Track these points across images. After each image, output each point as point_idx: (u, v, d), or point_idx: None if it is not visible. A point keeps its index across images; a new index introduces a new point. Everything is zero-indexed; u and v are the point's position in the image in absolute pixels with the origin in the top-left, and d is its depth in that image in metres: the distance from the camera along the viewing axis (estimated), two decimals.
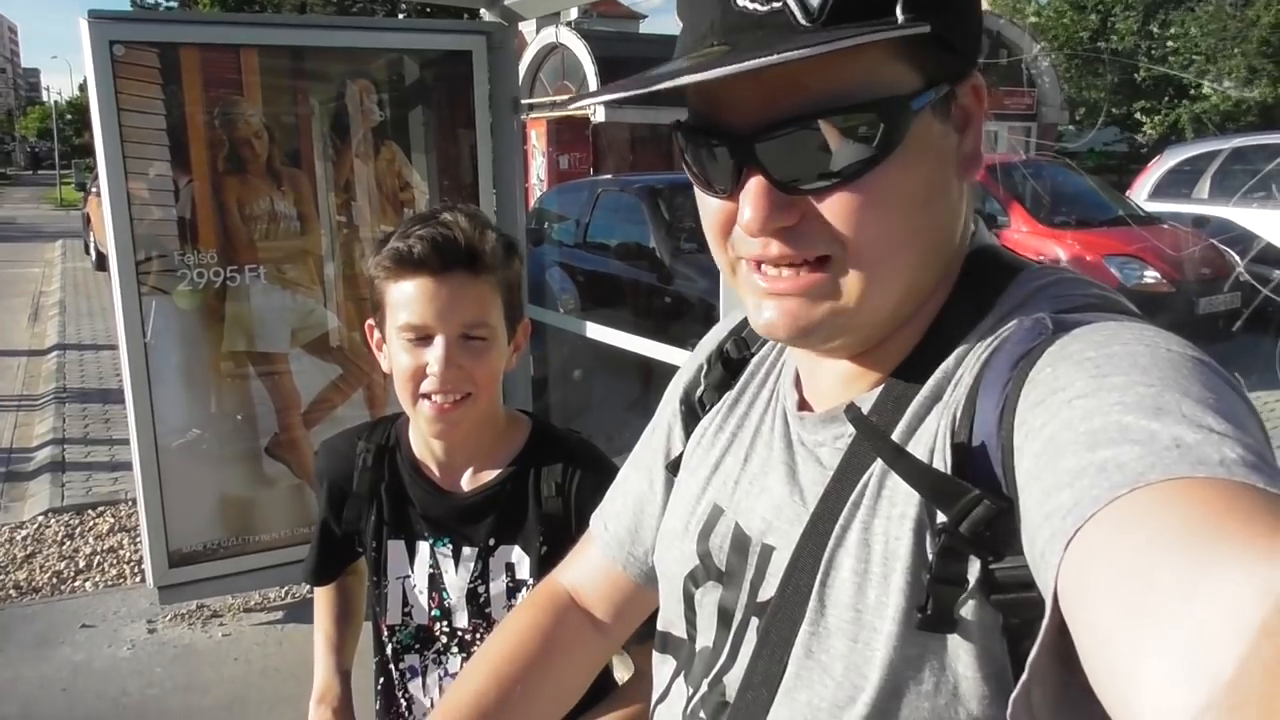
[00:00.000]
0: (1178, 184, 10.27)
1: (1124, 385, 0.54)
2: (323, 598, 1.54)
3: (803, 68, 0.59)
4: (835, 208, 0.64)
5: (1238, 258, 8.08)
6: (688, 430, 0.91)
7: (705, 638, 0.81)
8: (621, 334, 3.52)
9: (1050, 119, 20.26)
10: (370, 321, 1.35)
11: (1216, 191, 9.80)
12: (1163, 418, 0.51)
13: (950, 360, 0.67)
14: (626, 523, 0.98)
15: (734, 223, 0.68)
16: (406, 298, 1.24)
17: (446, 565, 1.38)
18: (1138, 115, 21.83)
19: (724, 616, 0.78)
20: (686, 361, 0.96)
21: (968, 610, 0.61)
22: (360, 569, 1.55)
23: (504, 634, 1.00)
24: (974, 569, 0.60)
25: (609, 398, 5.11)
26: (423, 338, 1.26)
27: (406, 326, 1.25)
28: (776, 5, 0.61)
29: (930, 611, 0.61)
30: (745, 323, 0.89)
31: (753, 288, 0.69)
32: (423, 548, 1.39)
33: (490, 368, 1.29)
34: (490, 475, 1.38)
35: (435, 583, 1.39)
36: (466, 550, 1.37)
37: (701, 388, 0.90)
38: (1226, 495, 0.46)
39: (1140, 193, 10.38)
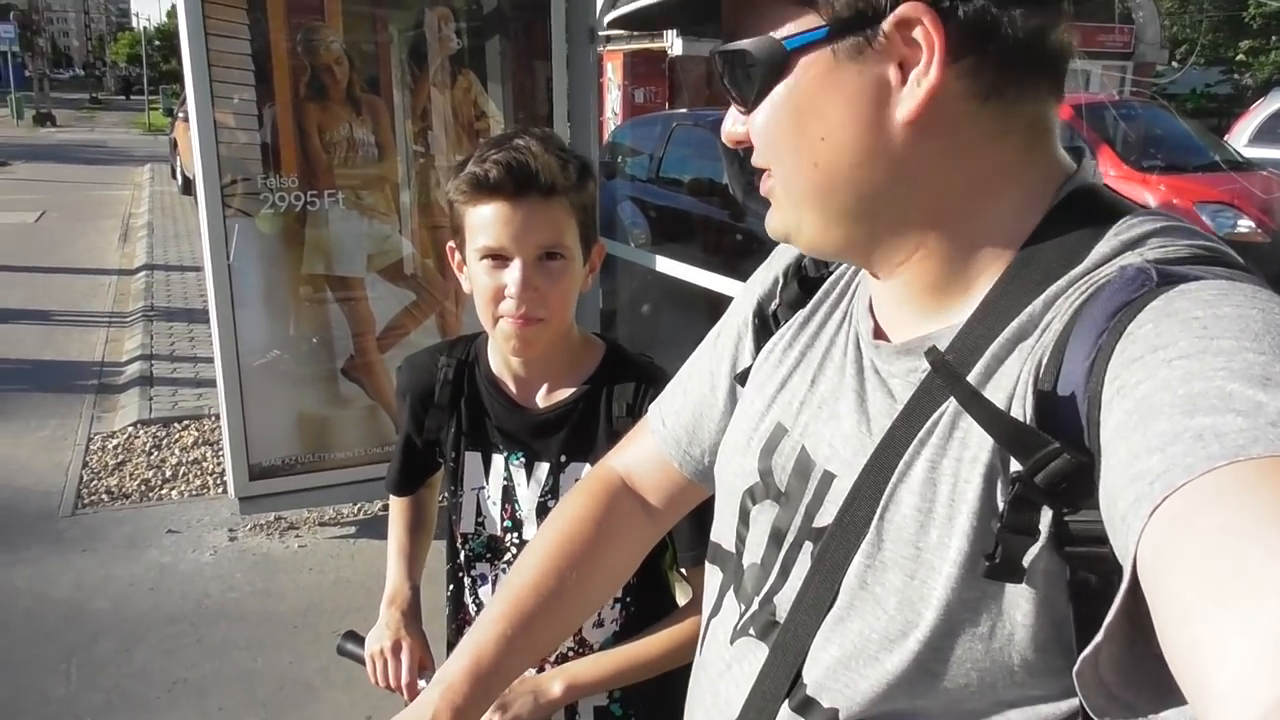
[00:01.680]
0: None
1: (1232, 350, 0.51)
2: (398, 509, 1.60)
3: (732, 5, 0.70)
4: (751, 131, 0.71)
5: None
6: (758, 343, 0.90)
7: (754, 554, 0.81)
8: (692, 268, 3.53)
9: (1148, 57, 19.36)
10: (451, 244, 1.39)
11: None
12: (1271, 389, 0.48)
13: (1038, 303, 0.64)
14: (685, 422, 0.98)
15: None
16: (484, 221, 1.28)
17: (519, 478, 1.43)
18: (1243, 55, 20.76)
19: (776, 536, 0.79)
20: (760, 271, 0.96)
21: (1036, 560, 0.59)
22: (435, 483, 1.61)
23: (559, 519, 1.03)
24: (1045, 519, 0.59)
25: (676, 333, 5.12)
26: (500, 259, 1.29)
27: (484, 249, 1.29)
28: None
29: (999, 560, 0.60)
30: None
31: None
32: (498, 460, 1.44)
33: (566, 288, 1.32)
34: (564, 394, 1.41)
35: (508, 495, 1.43)
36: (539, 465, 1.41)
37: (776, 302, 0.90)
38: None
39: (1240, 137, 9.92)
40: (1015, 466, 0.60)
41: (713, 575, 0.90)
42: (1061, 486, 0.57)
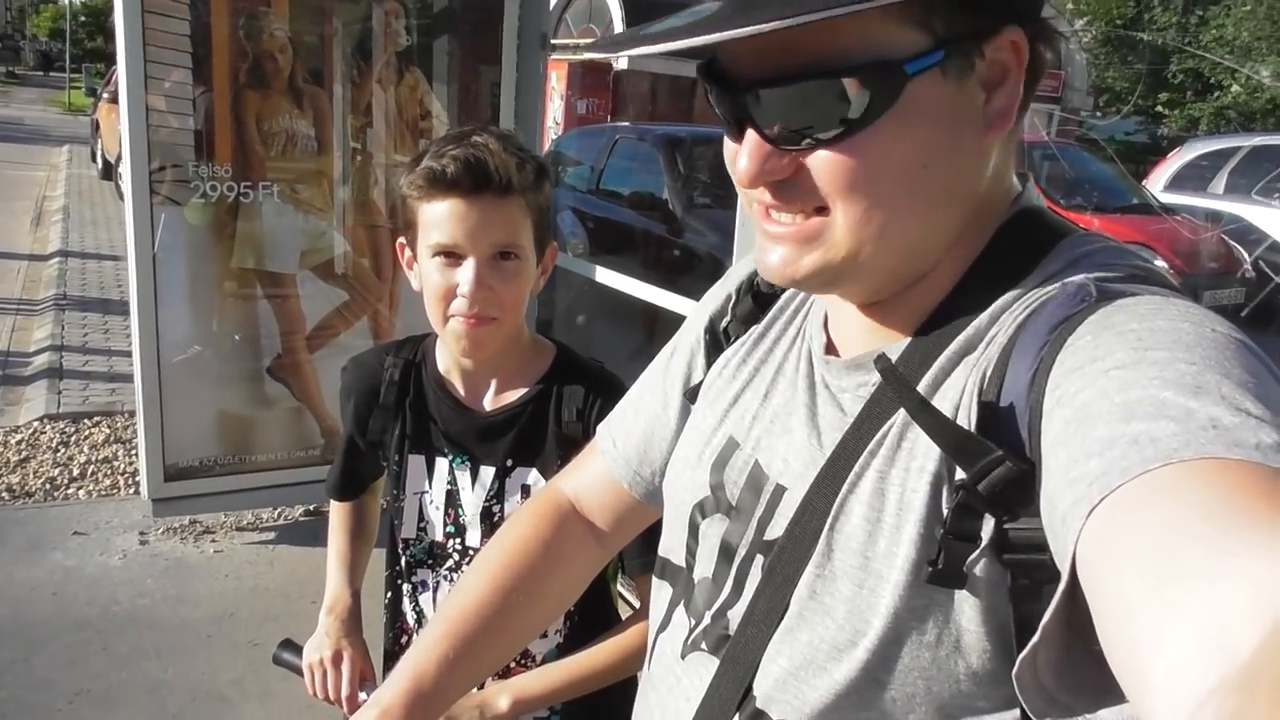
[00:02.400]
0: (1195, 177, 10.28)
1: (1165, 360, 0.54)
2: (338, 514, 1.56)
3: (796, 29, 0.59)
4: (824, 167, 0.65)
5: (1245, 254, 8.11)
6: (709, 360, 0.91)
7: (704, 569, 0.81)
8: (630, 280, 3.50)
9: (1075, 103, 20.08)
10: (401, 240, 1.35)
11: (1233, 188, 9.79)
12: (1201, 397, 0.51)
13: (984, 317, 0.67)
14: (636, 442, 0.98)
15: None
16: (438, 218, 1.25)
17: (464, 483, 1.39)
18: (1160, 108, 21.67)
19: (726, 550, 0.79)
20: (713, 290, 0.96)
21: (978, 567, 0.61)
22: (377, 490, 1.57)
23: (506, 540, 1.01)
24: (988, 527, 0.61)
25: (612, 345, 5.09)
26: (453, 257, 1.26)
27: (438, 246, 1.26)
28: None
29: (941, 566, 0.61)
30: None
31: (759, 229, 0.71)
32: (441, 464, 1.41)
33: (519, 289, 1.30)
34: (513, 396, 1.39)
35: (452, 499, 1.40)
36: (484, 469, 1.38)
37: (728, 318, 0.91)
38: (1260, 479, 0.45)
39: (1157, 183, 10.36)
40: (960, 475, 0.62)
41: (661, 590, 0.90)
42: (1003, 494, 0.59)
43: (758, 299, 0.88)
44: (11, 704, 2.74)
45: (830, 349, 0.78)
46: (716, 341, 0.91)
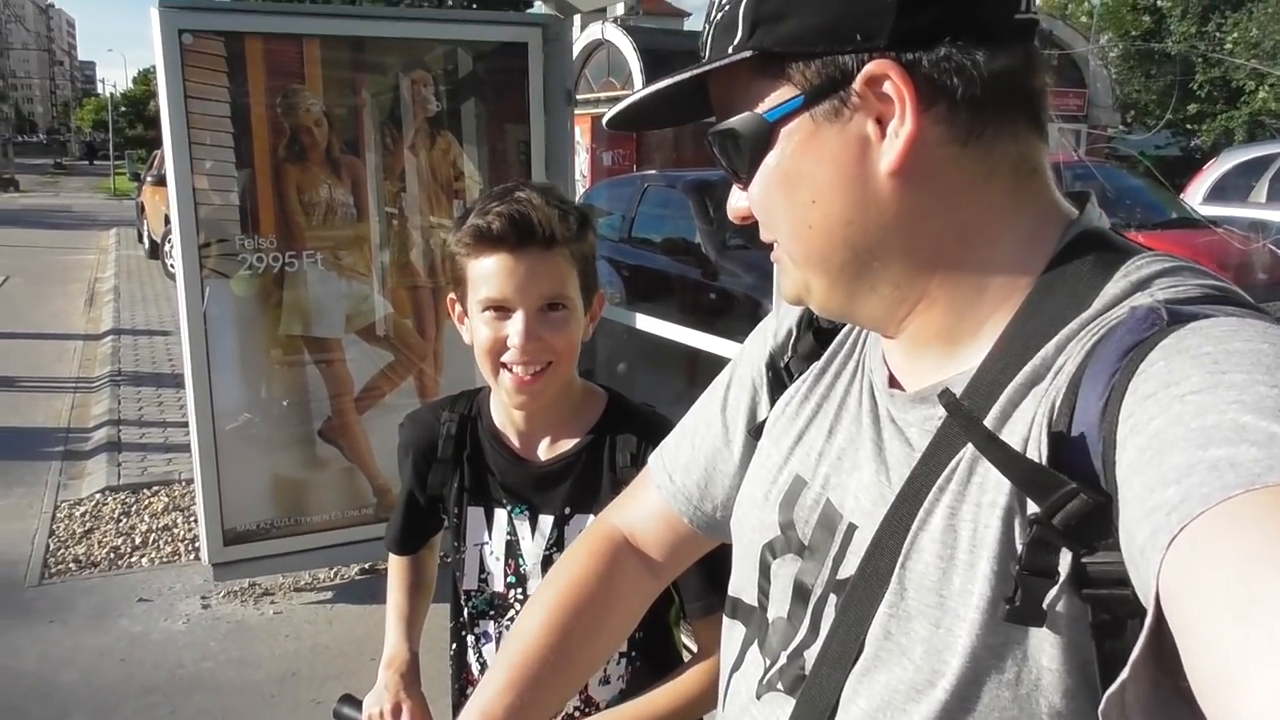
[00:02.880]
0: (1235, 187, 10.01)
1: (1244, 384, 0.51)
2: (397, 570, 1.58)
3: (717, 89, 0.73)
4: (752, 202, 0.74)
5: None
6: (773, 396, 0.90)
7: (779, 609, 0.80)
8: (670, 325, 3.55)
9: (1102, 120, 19.95)
10: (452, 296, 1.39)
11: (1276, 195, 9.56)
12: None
13: (1050, 346, 0.64)
14: (697, 478, 0.97)
15: None
16: (486, 273, 1.28)
17: (523, 532, 1.41)
18: (1189, 123, 21.44)
19: (800, 590, 0.78)
20: (767, 324, 0.96)
21: (1056, 603, 0.59)
22: (435, 545, 1.59)
23: (560, 579, 1.00)
24: (1065, 561, 0.59)
25: (654, 390, 5.13)
26: (502, 311, 1.29)
27: (487, 301, 1.29)
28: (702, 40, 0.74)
29: (1019, 603, 0.59)
30: None
31: None
32: (500, 515, 1.43)
33: (569, 338, 1.32)
34: (567, 445, 1.40)
35: (512, 550, 1.42)
36: (543, 518, 1.40)
37: (789, 355, 0.90)
38: None
39: (1195, 196, 10.17)
40: (1033, 508, 0.60)
41: (733, 629, 0.89)
42: (1079, 528, 0.57)
43: (818, 335, 0.88)
44: None
45: (894, 383, 0.77)
46: (779, 378, 0.91)
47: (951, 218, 0.69)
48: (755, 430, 0.91)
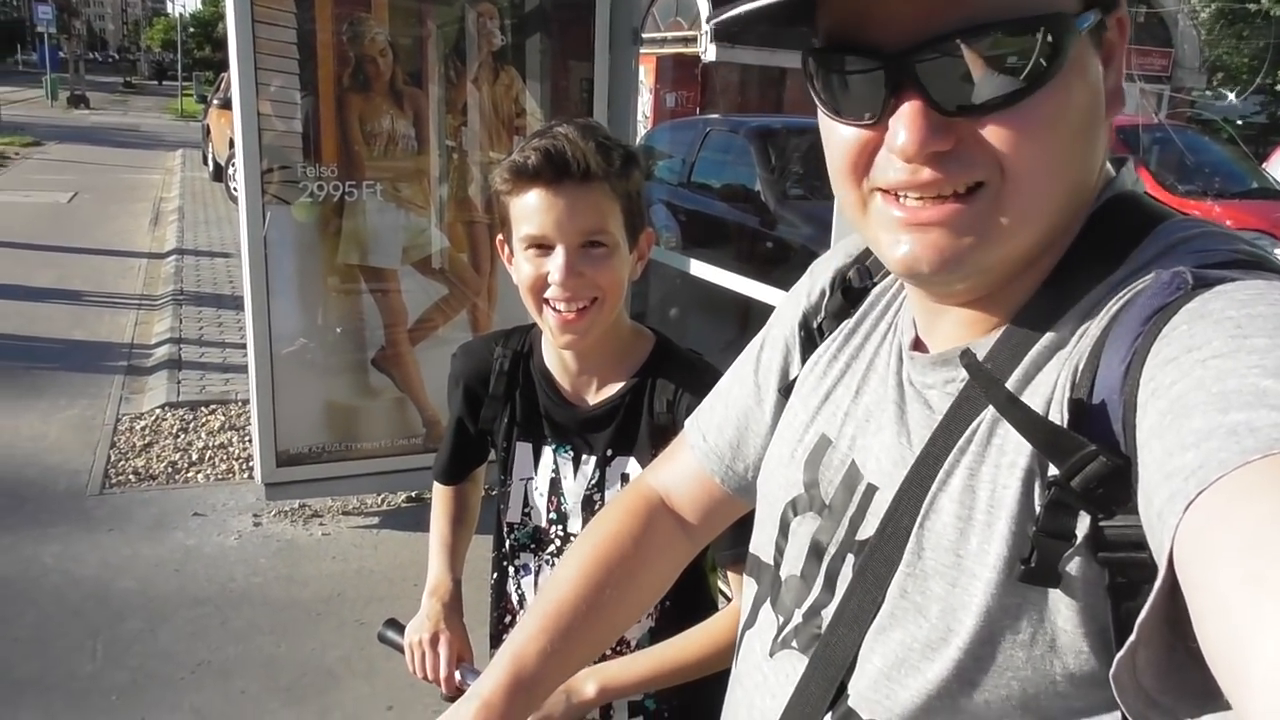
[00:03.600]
0: None
1: (1266, 348, 0.51)
2: (442, 500, 1.60)
3: None
4: (998, 131, 0.61)
5: None
6: (805, 356, 0.90)
7: (793, 567, 0.81)
8: (724, 273, 3.52)
9: (1186, 82, 19.23)
10: (499, 237, 1.39)
11: None
12: None
13: (1076, 310, 0.64)
14: (729, 437, 0.97)
15: (874, 152, 0.65)
16: (526, 210, 1.28)
17: (566, 471, 1.43)
18: (1279, 88, 20.57)
19: (816, 549, 0.78)
20: (801, 284, 0.94)
21: (1072, 566, 0.59)
22: (479, 478, 1.61)
23: (596, 534, 1.01)
24: (1082, 524, 0.59)
25: (706, 337, 5.12)
26: (544, 247, 1.29)
27: (527, 238, 1.29)
28: None
29: (1034, 564, 0.59)
30: (869, 252, 0.88)
31: (889, 221, 0.66)
32: (546, 452, 1.44)
33: (613, 274, 1.31)
34: (613, 389, 1.41)
35: (555, 487, 1.44)
36: (586, 458, 1.41)
37: (822, 314, 0.89)
38: None
39: (1278, 166, 9.83)
40: (1053, 471, 0.60)
41: (748, 587, 0.89)
42: (1098, 491, 0.57)
43: (848, 294, 0.86)
44: (141, 672, 2.93)
45: (918, 345, 0.76)
46: (811, 337, 0.90)
47: (1095, 175, 0.69)
48: (786, 389, 0.90)
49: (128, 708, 2.78)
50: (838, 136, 0.67)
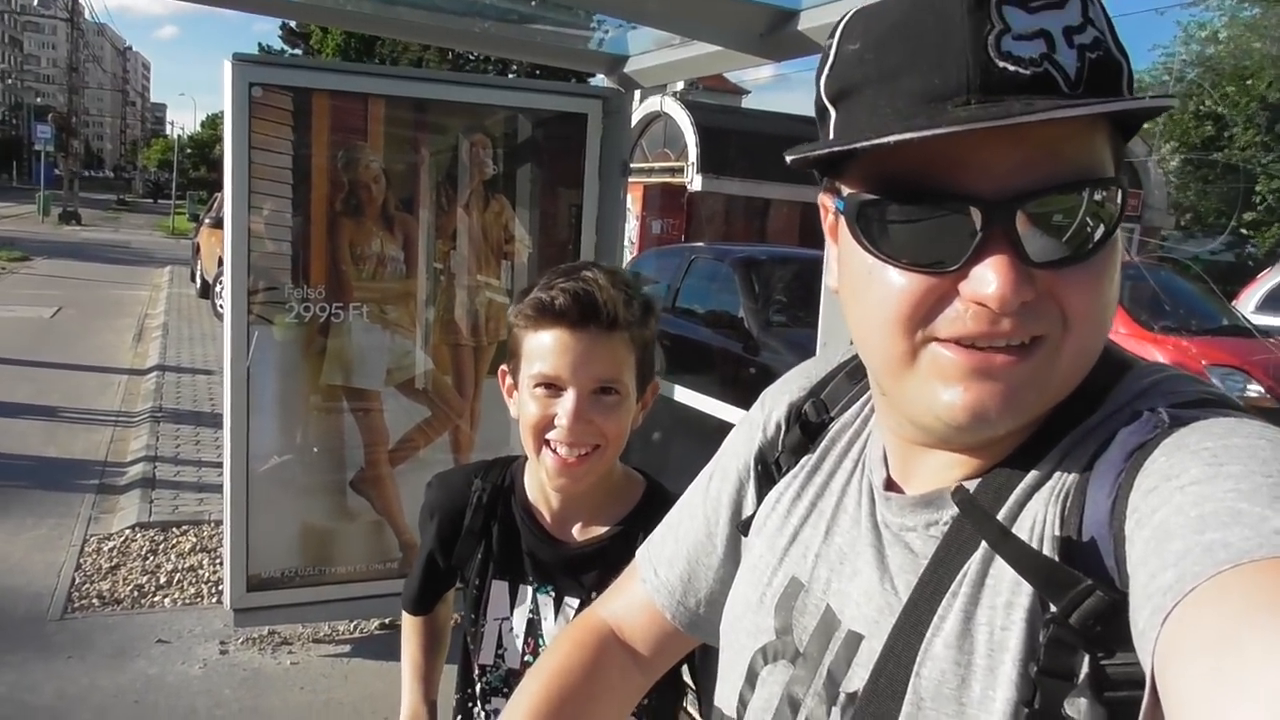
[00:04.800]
0: None
1: (1241, 474, 0.53)
2: (412, 627, 1.56)
3: (1060, 136, 0.59)
4: (1073, 284, 0.61)
5: None
6: (760, 492, 0.88)
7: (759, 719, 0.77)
8: (707, 398, 3.52)
9: (1155, 222, 19.87)
10: (504, 367, 1.38)
11: None
12: (1278, 505, 0.50)
13: (1056, 452, 0.65)
14: (679, 572, 0.95)
15: (940, 301, 0.63)
16: (543, 349, 1.27)
17: (546, 612, 1.39)
18: (1244, 230, 21.28)
19: (791, 701, 0.75)
20: (753, 415, 0.92)
21: (1076, 709, 0.57)
22: (450, 599, 1.57)
23: (546, 671, 0.97)
24: (1084, 664, 0.58)
25: (687, 463, 5.09)
26: (554, 389, 1.27)
27: (539, 376, 1.27)
28: (1040, 70, 0.59)
29: (1037, 706, 0.58)
30: (822, 385, 0.87)
31: (951, 369, 0.63)
32: (526, 592, 1.40)
33: (619, 423, 1.30)
34: (600, 530, 1.38)
35: (533, 628, 1.39)
36: (568, 600, 1.38)
37: (779, 449, 0.87)
38: None
39: (1248, 304, 10.06)
40: (1052, 609, 0.60)
41: None
42: (1096, 629, 0.57)
43: (806, 429, 0.85)
44: None
45: (890, 485, 0.75)
46: (768, 472, 0.88)
47: None
48: (742, 526, 0.88)
49: None
50: (895, 284, 0.64)
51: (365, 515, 3.80)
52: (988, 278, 0.60)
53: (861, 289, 0.67)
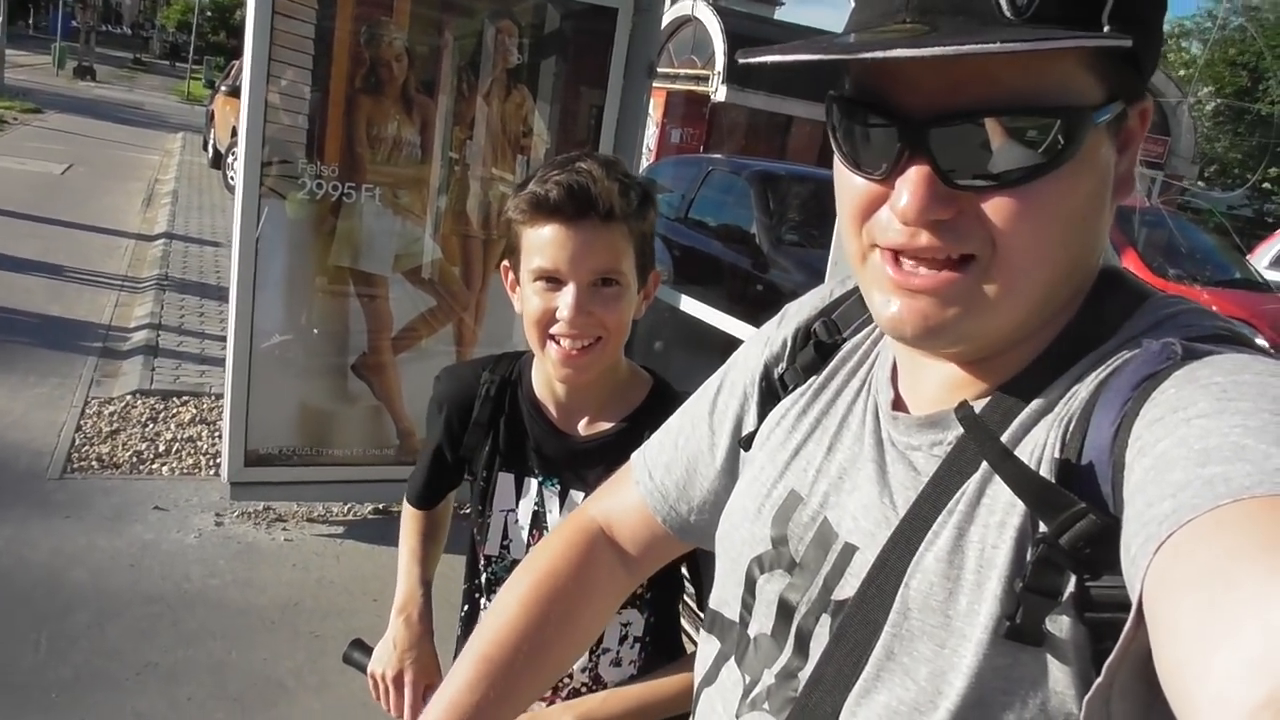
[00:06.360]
0: None
1: (1249, 411, 0.53)
2: (413, 517, 1.56)
3: (997, 61, 0.58)
4: (997, 209, 0.62)
5: None
6: (763, 408, 0.88)
7: (762, 625, 0.79)
8: (713, 310, 3.51)
9: (1179, 170, 19.56)
10: (505, 263, 1.37)
11: None
12: None
13: (1066, 377, 0.66)
14: (676, 478, 0.95)
15: (877, 207, 0.66)
16: (541, 242, 1.26)
17: (551, 504, 1.39)
18: (1266, 185, 20.99)
19: (785, 608, 0.77)
20: (764, 332, 0.93)
21: (1058, 626, 0.59)
22: (450, 499, 1.58)
23: (536, 567, 0.98)
24: (1069, 584, 0.59)
25: (688, 373, 5.10)
26: (554, 282, 1.27)
27: (539, 271, 1.27)
28: None
29: (1019, 620, 0.59)
30: (836, 305, 0.88)
31: (883, 280, 0.67)
32: (531, 484, 1.41)
33: (620, 314, 1.30)
34: (605, 425, 1.38)
35: (538, 520, 1.40)
36: (574, 493, 1.38)
37: (784, 366, 0.88)
38: None
39: (1262, 259, 10.00)
40: (1043, 529, 0.60)
41: (708, 644, 0.87)
42: (1085, 551, 0.57)
43: (819, 348, 0.86)
44: (85, 669, 2.83)
45: (898, 404, 0.76)
46: (772, 389, 0.89)
47: (1097, 256, 0.70)
48: (744, 441, 0.89)
49: (67, 707, 2.67)
50: (849, 185, 0.68)
51: (365, 400, 3.81)
52: (901, 190, 0.63)
53: (836, 184, 0.71)
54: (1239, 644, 0.41)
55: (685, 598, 1.50)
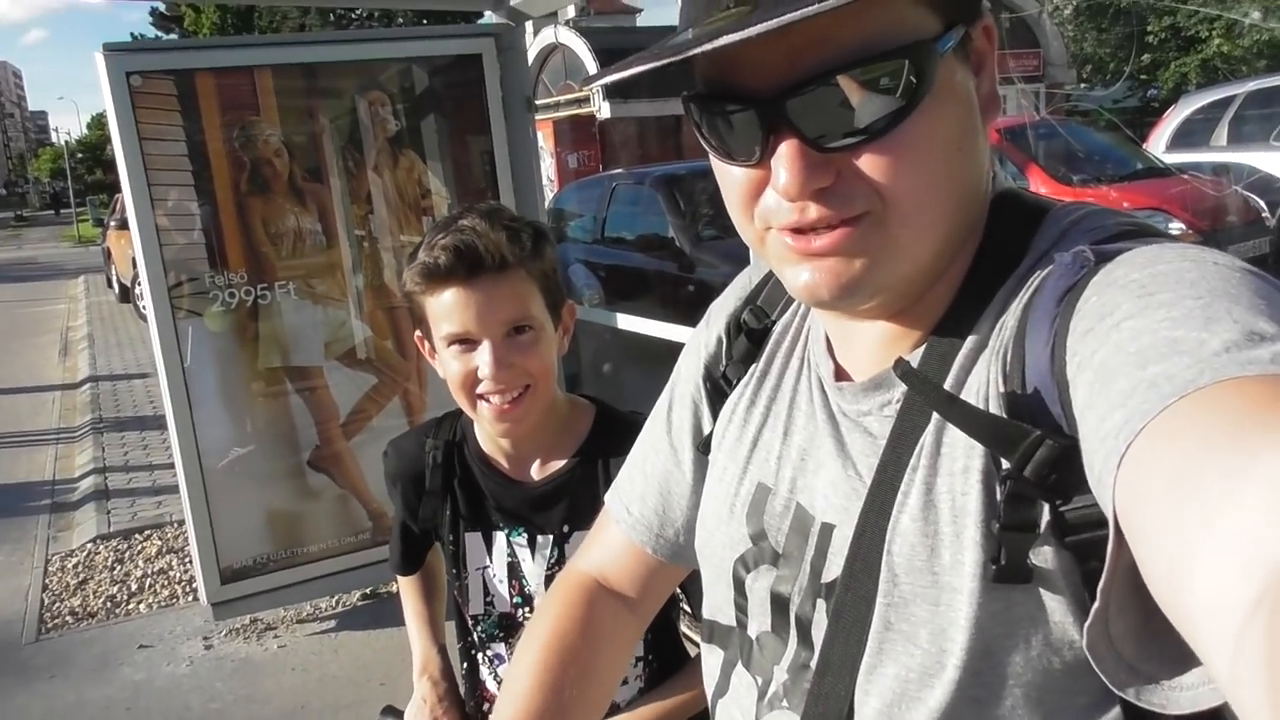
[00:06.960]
0: (1195, 133, 10.09)
1: (1171, 301, 0.53)
2: (407, 583, 1.58)
3: (828, 21, 0.57)
4: (872, 162, 0.62)
5: (1263, 203, 7.99)
6: (714, 408, 0.88)
7: (759, 624, 0.78)
8: (650, 321, 3.54)
9: (1058, 78, 20.06)
10: (418, 334, 1.37)
11: (1236, 136, 9.65)
12: (1212, 326, 0.50)
13: (992, 308, 0.66)
14: (654, 505, 0.95)
15: (761, 191, 0.66)
16: (445, 309, 1.26)
17: (523, 554, 1.40)
18: (1142, 75, 21.59)
19: (779, 601, 0.76)
20: (697, 335, 0.93)
21: (1042, 557, 0.59)
22: (437, 548, 1.58)
23: (541, 633, 0.96)
24: (1044, 513, 0.59)
25: (641, 389, 5.13)
26: (468, 343, 1.27)
27: (451, 336, 1.27)
28: None
29: (1004, 561, 0.59)
30: (759, 290, 0.88)
31: (786, 254, 0.66)
32: (499, 538, 1.41)
33: (542, 358, 1.30)
34: (559, 464, 1.39)
35: (514, 571, 1.41)
36: (541, 539, 1.39)
37: (724, 363, 0.88)
38: (1277, 389, 0.45)
39: (1158, 145, 10.24)
40: (1006, 465, 0.60)
41: (711, 654, 0.86)
42: (1051, 477, 0.57)
43: (751, 336, 0.85)
44: None
45: (840, 375, 0.76)
46: (718, 388, 0.88)
47: (984, 182, 0.70)
48: (702, 445, 0.89)
49: None
50: (729, 177, 0.68)
51: (329, 491, 3.77)
52: (778, 170, 0.62)
53: (718, 179, 0.70)
54: (1218, 542, 0.40)
55: (682, 607, 1.52)
